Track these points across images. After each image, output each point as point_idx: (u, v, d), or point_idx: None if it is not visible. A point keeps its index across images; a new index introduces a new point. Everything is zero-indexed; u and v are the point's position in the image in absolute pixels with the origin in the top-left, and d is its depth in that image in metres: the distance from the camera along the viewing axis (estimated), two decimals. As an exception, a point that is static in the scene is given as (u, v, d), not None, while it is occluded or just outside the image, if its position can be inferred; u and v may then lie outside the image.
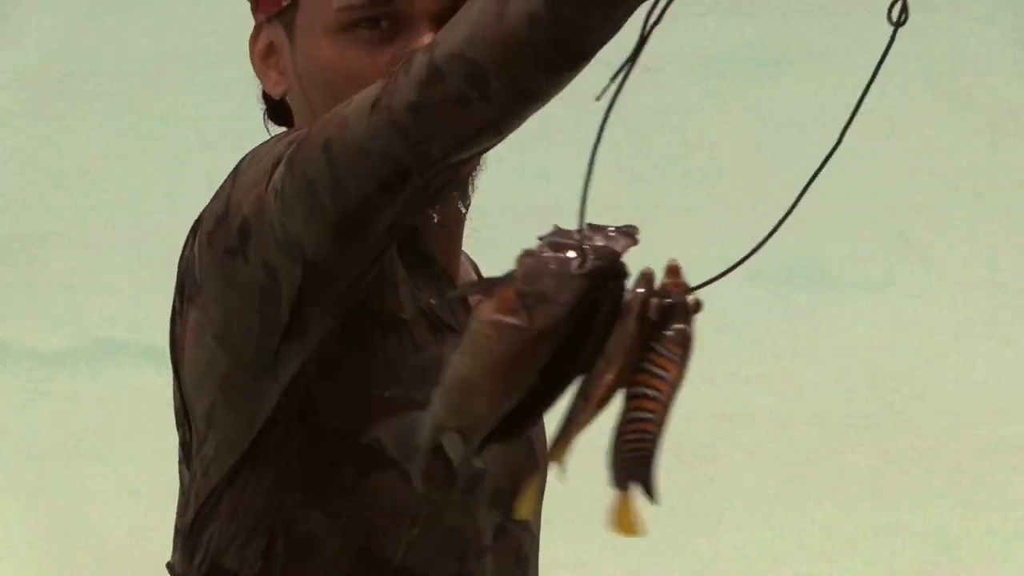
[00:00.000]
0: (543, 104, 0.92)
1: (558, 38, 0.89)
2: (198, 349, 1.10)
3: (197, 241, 1.09)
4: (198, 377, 1.11)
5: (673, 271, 0.89)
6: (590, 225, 0.88)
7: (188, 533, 1.13)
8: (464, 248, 1.22)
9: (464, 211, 1.15)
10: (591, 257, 0.86)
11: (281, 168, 1.00)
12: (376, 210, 0.99)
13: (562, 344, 0.87)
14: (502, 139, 0.95)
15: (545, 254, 0.87)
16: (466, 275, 1.21)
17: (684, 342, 0.89)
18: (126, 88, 7.65)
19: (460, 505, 1.11)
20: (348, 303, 1.05)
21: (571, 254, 0.87)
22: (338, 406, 1.09)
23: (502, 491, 1.14)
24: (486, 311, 0.87)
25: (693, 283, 0.91)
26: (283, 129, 1.19)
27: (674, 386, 0.89)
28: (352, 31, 1.11)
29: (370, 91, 0.97)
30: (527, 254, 0.87)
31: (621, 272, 0.88)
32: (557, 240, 0.87)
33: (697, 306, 0.91)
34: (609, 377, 0.88)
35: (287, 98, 1.18)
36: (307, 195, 0.98)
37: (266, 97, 1.20)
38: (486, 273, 1.22)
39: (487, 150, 0.96)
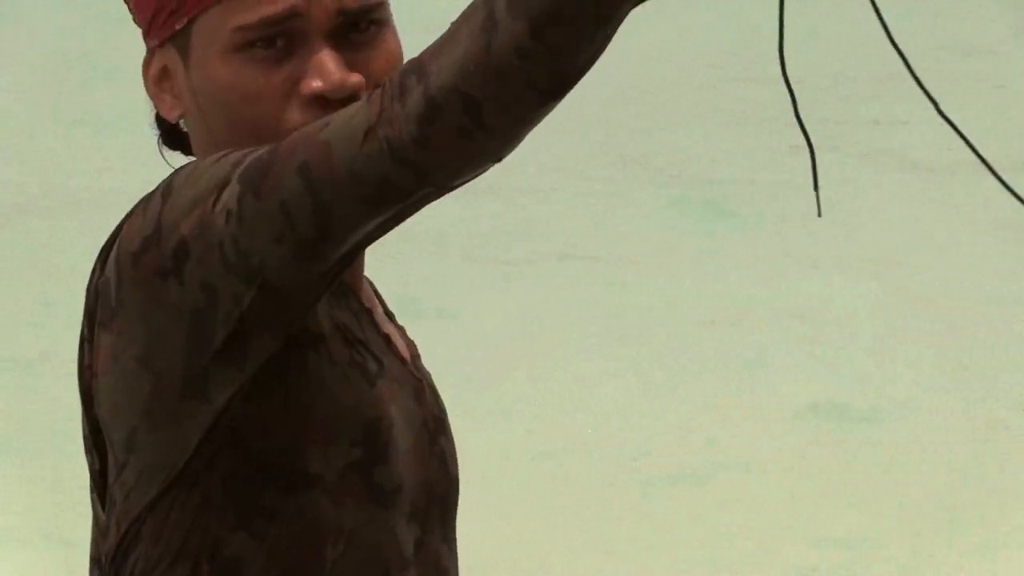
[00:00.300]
0: (539, 123, 0.95)
1: (547, 66, 0.91)
2: (114, 374, 1.09)
3: (114, 263, 1.08)
4: (115, 403, 1.09)
5: None
6: None
7: (112, 560, 1.11)
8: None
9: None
10: None
11: (234, 188, 1.00)
12: (356, 233, 1.00)
13: None
14: (500, 161, 0.97)
15: None
16: (368, 293, 1.22)
17: None
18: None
19: (380, 521, 1.12)
20: (294, 327, 1.06)
21: None
22: (260, 427, 1.09)
23: (418, 505, 1.16)
24: None
25: None
26: (178, 153, 1.20)
27: None
28: (247, 51, 1.11)
29: (354, 117, 0.97)
30: None
31: None
32: None
33: None
34: None
35: (182, 122, 1.18)
36: (278, 218, 0.98)
37: (160, 121, 1.20)
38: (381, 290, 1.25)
39: (485, 171, 0.98)
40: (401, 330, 1.24)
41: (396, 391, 1.16)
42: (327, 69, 1.09)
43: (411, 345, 1.25)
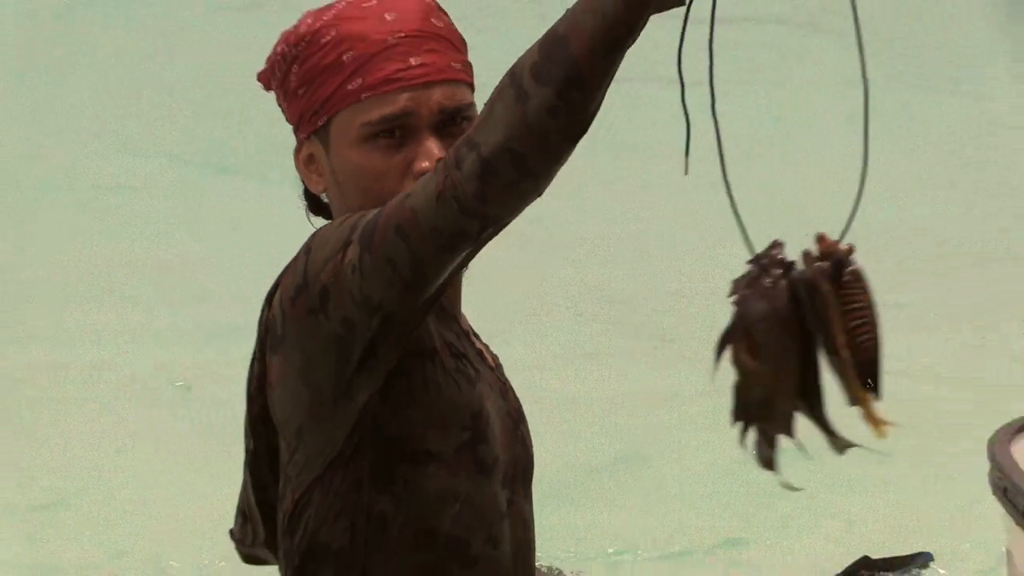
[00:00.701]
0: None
1: (574, 117, 1.27)
2: (284, 388, 1.50)
3: (278, 305, 1.49)
4: (286, 408, 1.51)
5: (820, 238, 1.22)
6: (754, 258, 1.24)
7: (289, 518, 1.53)
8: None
9: (464, 269, 1.51)
10: (772, 274, 1.22)
11: (355, 248, 1.38)
12: (445, 271, 1.38)
13: (801, 346, 1.21)
14: (541, 195, 1.33)
15: (745, 288, 1.23)
16: (465, 320, 1.60)
17: (860, 276, 1.21)
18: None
19: (484, 487, 1.53)
20: (410, 341, 1.46)
21: (758, 276, 1.22)
22: (394, 419, 1.49)
23: (508, 475, 1.56)
24: (738, 354, 1.22)
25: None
26: (322, 220, 1.59)
27: (872, 307, 1.22)
28: (372, 141, 1.49)
29: (427, 186, 1.34)
30: (735, 291, 1.23)
31: (792, 265, 1.22)
32: (748, 276, 1.23)
33: (850, 250, 1.21)
34: (839, 329, 1.20)
35: (325, 195, 1.58)
36: (386, 268, 1.37)
37: (308, 195, 1.61)
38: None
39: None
40: (486, 346, 1.63)
41: (489, 391, 1.56)
42: (432, 153, 1.48)
43: (495, 357, 1.64)
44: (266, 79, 1.59)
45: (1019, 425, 2.56)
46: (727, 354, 1.23)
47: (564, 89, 1.26)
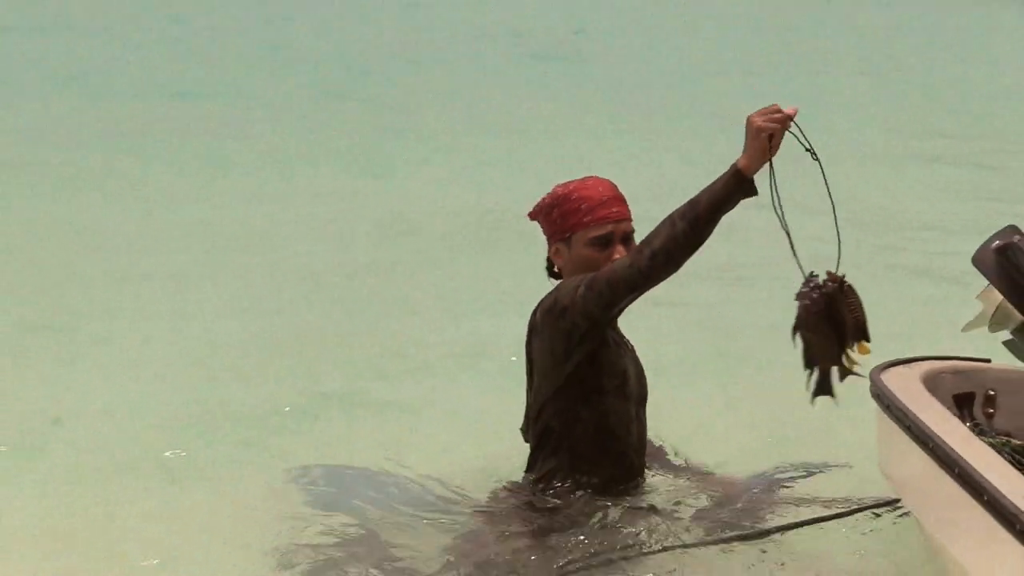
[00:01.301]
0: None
1: (696, 240, 3.04)
2: (541, 356, 3.31)
3: (539, 313, 3.28)
4: (540, 363, 3.31)
5: (828, 273, 2.84)
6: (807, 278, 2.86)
7: (535, 418, 3.36)
8: None
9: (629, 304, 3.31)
10: (817, 292, 2.84)
11: (583, 288, 3.17)
12: (626, 303, 3.19)
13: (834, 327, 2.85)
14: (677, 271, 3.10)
15: (802, 297, 2.85)
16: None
17: (852, 288, 2.82)
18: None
19: (626, 407, 3.32)
20: (602, 334, 3.25)
21: (807, 291, 2.84)
22: (590, 371, 3.27)
23: (637, 401, 3.37)
24: (802, 332, 2.87)
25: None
26: (556, 281, 3.37)
27: (859, 301, 2.83)
28: (593, 246, 3.28)
29: (623, 262, 3.14)
30: (797, 299, 2.86)
31: (823, 284, 2.84)
32: (804, 288, 2.84)
33: (843, 277, 2.84)
34: (846, 313, 2.82)
35: (563, 271, 3.36)
36: (598, 299, 3.16)
37: (550, 267, 3.41)
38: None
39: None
40: (622, 334, 3.40)
41: (629, 357, 3.36)
42: (621, 252, 3.24)
43: (626, 338, 3.41)
44: (535, 215, 3.38)
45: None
46: (797, 333, 2.87)
47: (692, 226, 3.02)
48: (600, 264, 3.21)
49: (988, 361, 3.53)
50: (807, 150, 2.93)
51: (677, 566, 3.20)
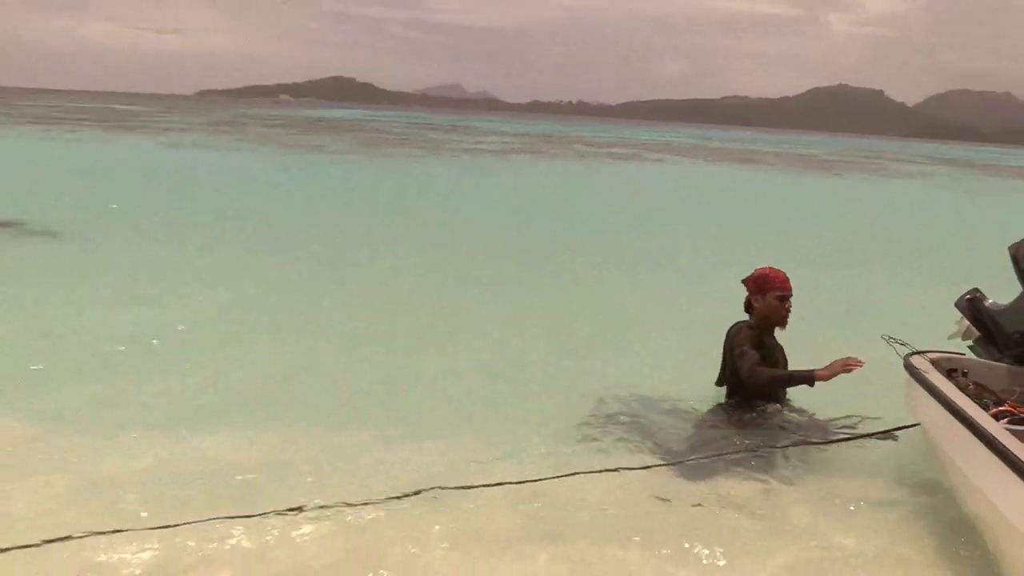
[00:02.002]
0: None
1: (774, 389, 7.01)
2: (727, 354, 6.96)
3: (728, 336, 6.95)
4: (729, 358, 6.93)
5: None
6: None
7: (733, 391, 7.06)
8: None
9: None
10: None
11: (737, 352, 7.01)
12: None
13: None
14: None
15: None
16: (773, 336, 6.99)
17: None
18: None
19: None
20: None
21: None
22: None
23: (781, 365, 7.02)
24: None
25: None
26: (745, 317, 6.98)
27: None
28: (777, 300, 6.98)
29: (751, 363, 6.93)
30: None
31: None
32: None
33: None
34: None
35: (757, 311, 6.99)
36: (737, 362, 6.95)
37: (748, 307, 7.06)
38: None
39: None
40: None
41: (776, 357, 7.00)
42: (789, 305, 6.94)
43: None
44: (747, 283, 7.01)
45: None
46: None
47: (770, 383, 7.09)
48: (780, 310, 6.93)
49: (963, 354, 6.87)
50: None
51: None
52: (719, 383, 7.14)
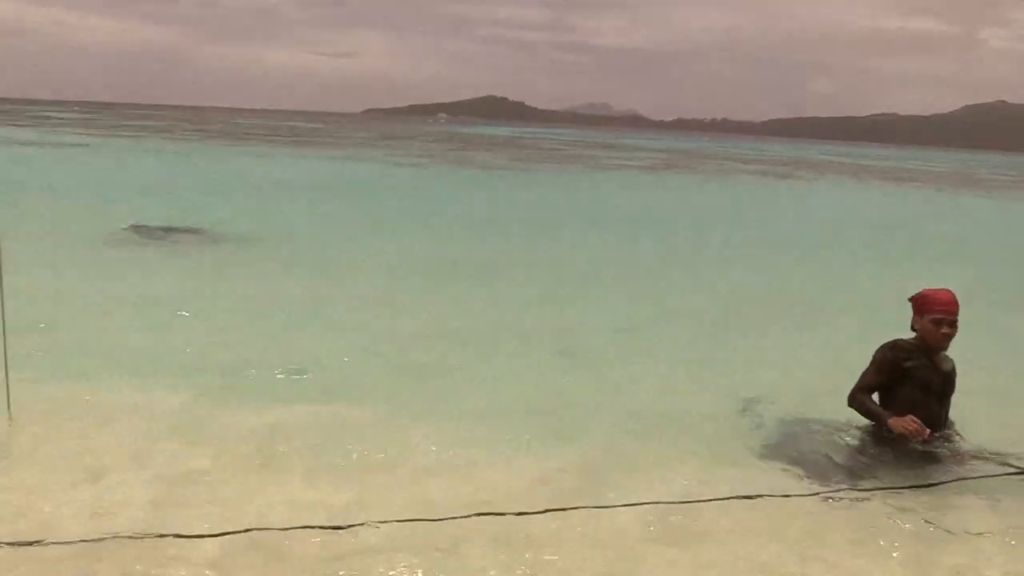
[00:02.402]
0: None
1: (862, 414, 7.35)
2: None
3: (879, 350, 7.63)
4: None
5: None
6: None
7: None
8: None
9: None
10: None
11: (861, 373, 7.40)
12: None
13: None
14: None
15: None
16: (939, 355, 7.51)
17: None
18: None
19: (927, 399, 7.50)
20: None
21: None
22: (902, 384, 8.11)
23: (940, 394, 7.48)
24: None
25: None
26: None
27: None
28: (934, 322, 7.27)
29: (860, 390, 7.28)
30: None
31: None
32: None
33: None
34: None
35: (917, 331, 7.38)
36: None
37: (914, 326, 7.44)
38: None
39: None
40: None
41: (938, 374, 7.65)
42: (948, 331, 7.28)
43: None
44: (913, 302, 7.33)
45: None
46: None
47: (861, 412, 7.27)
48: (936, 334, 7.08)
49: None
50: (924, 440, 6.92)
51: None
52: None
